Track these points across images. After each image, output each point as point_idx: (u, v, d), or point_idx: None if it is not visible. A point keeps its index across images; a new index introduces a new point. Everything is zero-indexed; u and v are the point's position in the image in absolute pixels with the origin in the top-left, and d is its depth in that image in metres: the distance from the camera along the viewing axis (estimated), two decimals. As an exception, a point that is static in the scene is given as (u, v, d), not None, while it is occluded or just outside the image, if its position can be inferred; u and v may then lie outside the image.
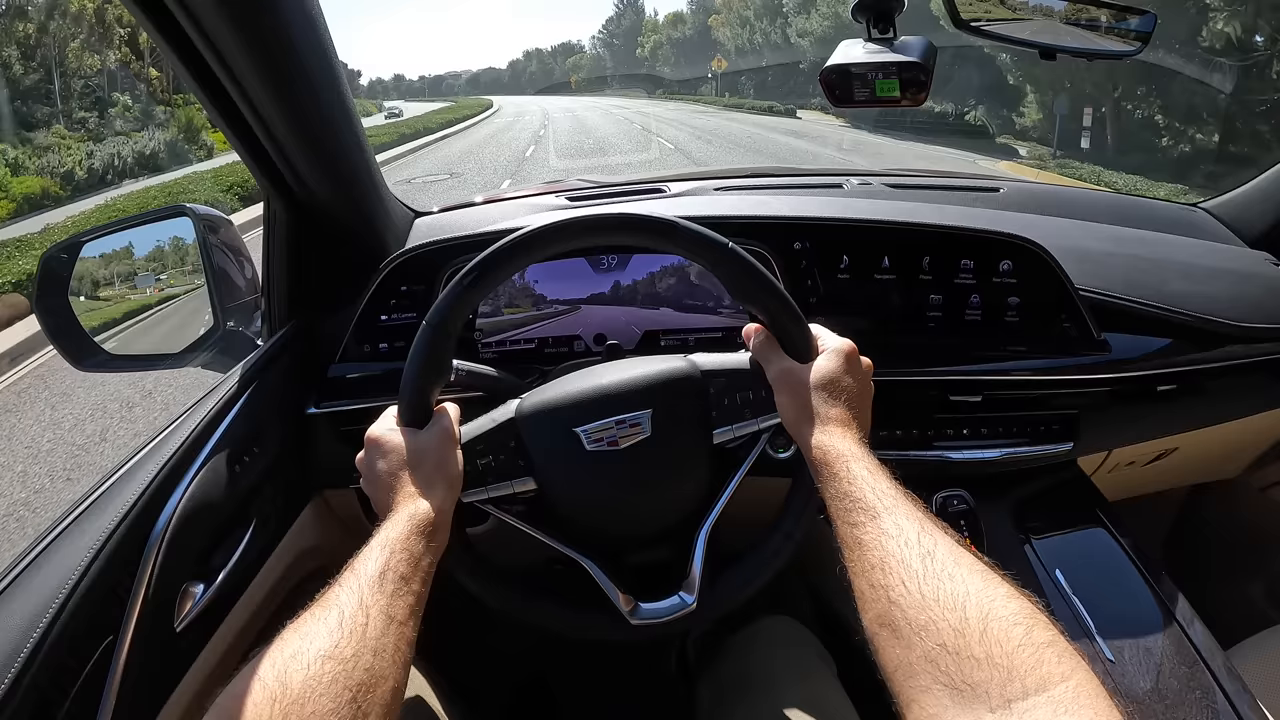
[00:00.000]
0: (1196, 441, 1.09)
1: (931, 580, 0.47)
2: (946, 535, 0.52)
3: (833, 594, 1.08)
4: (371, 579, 0.53)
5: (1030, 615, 0.44)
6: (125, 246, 1.06)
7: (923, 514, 0.54)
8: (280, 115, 0.80)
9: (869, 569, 0.51)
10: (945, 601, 0.45)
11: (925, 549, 0.50)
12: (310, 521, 0.97)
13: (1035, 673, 0.39)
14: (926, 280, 0.97)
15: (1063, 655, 0.41)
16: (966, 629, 0.43)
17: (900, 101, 0.82)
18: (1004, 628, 0.42)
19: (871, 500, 0.55)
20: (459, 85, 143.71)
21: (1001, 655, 0.41)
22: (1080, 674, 0.40)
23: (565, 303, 1.00)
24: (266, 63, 0.75)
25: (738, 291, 0.71)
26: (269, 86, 0.76)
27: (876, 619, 0.48)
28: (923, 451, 0.96)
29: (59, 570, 0.62)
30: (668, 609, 0.70)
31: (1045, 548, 0.91)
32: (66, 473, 3.49)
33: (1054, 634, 0.42)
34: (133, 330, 1.04)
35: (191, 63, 0.73)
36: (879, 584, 0.49)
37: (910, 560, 0.49)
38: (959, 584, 0.46)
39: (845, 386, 0.65)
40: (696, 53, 67.86)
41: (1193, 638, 0.80)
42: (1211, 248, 1.18)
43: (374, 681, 0.46)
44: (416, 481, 0.62)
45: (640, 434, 0.68)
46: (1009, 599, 0.45)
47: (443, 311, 0.66)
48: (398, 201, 1.14)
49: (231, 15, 0.68)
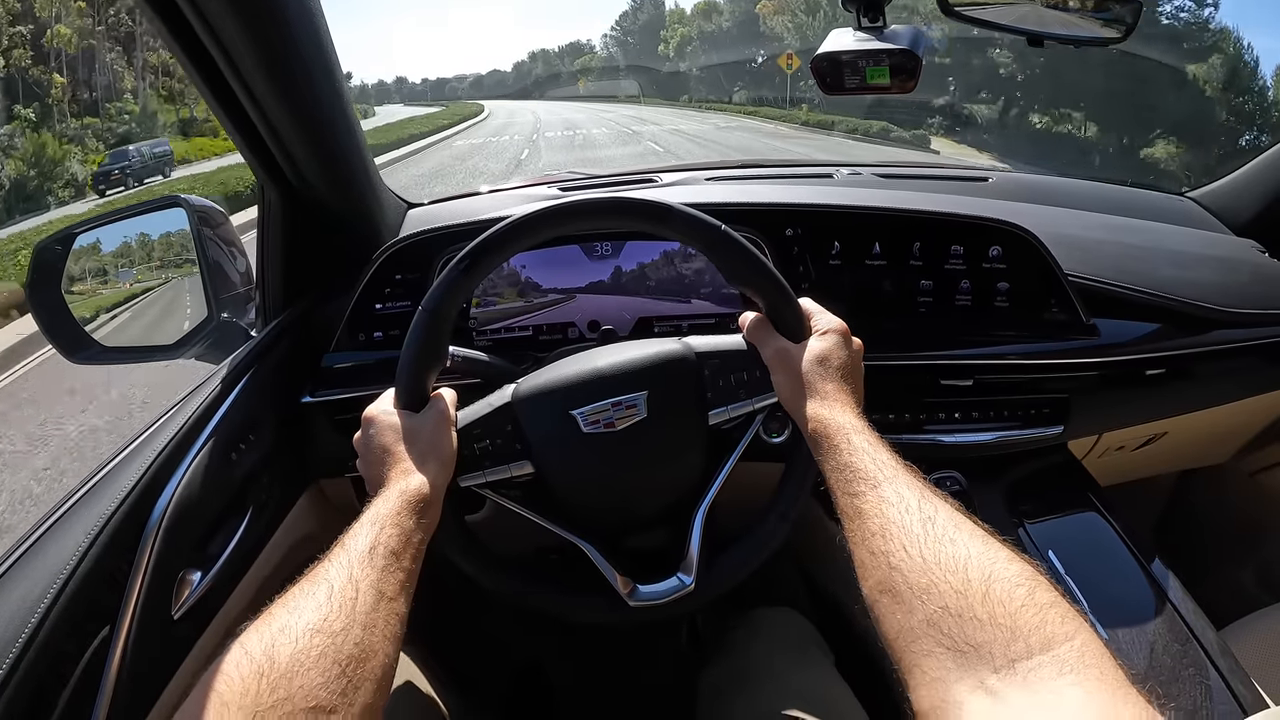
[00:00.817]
0: (1186, 426, 1.10)
1: (933, 544, 0.47)
2: (946, 502, 0.52)
3: (829, 581, 1.09)
4: (361, 554, 0.52)
5: (1032, 577, 0.44)
6: (119, 237, 1.06)
7: (922, 484, 0.54)
8: (278, 104, 0.80)
9: (869, 536, 0.51)
10: (946, 564, 0.45)
11: (926, 515, 0.50)
12: (306, 510, 0.97)
13: (1039, 632, 0.39)
14: (917, 266, 0.98)
15: (1066, 616, 0.41)
16: (969, 590, 0.43)
17: (890, 89, 0.83)
18: (1006, 589, 0.42)
19: (872, 470, 0.55)
20: (463, 89, 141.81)
21: (1004, 615, 0.40)
22: (1084, 634, 0.40)
23: (559, 291, 1.00)
24: (266, 51, 0.75)
25: (731, 274, 0.72)
26: (268, 75, 0.77)
27: (877, 586, 0.48)
28: (915, 435, 0.96)
29: (57, 556, 0.61)
30: (666, 590, 0.70)
31: (1038, 530, 0.92)
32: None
33: (1056, 595, 0.43)
34: (126, 322, 1.03)
35: (192, 51, 0.73)
36: (879, 550, 0.49)
37: (911, 526, 0.49)
38: (960, 548, 0.46)
39: (841, 362, 0.66)
40: (737, 49, 52.83)
41: (1185, 617, 0.81)
42: (1199, 235, 1.20)
43: (364, 656, 0.46)
44: (409, 458, 0.63)
45: (636, 415, 0.69)
46: (1010, 561, 0.45)
47: (438, 297, 0.67)
48: (391, 193, 1.15)
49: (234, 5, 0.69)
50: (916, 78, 0.83)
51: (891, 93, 0.84)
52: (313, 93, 0.83)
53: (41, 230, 11.82)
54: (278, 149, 0.86)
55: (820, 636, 0.92)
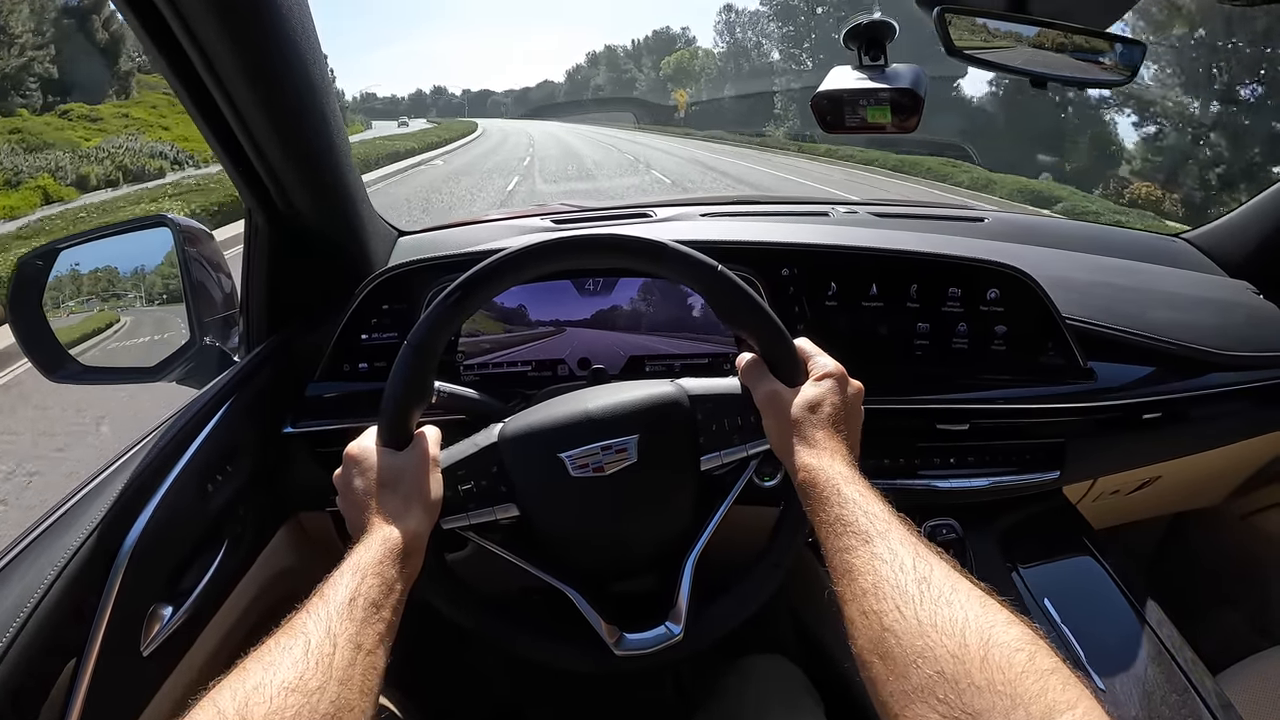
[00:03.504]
0: (1180, 469, 1.09)
1: (928, 605, 0.45)
2: (942, 560, 0.50)
3: (819, 625, 1.07)
4: (341, 605, 0.51)
5: (1032, 641, 0.42)
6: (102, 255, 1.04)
7: (917, 538, 0.52)
8: (269, 130, 0.79)
9: (861, 595, 0.49)
10: (943, 627, 0.43)
11: (921, 574, 0.48)
12: (284, 544, 0.95)
13: (1040, 700, 0.38)
14: (914, 308, 0.97)
15: (1067, 683, 0.39)
16: (966, 655, 0.41)
17: (888, 128, 0.83)
18: (1005, 654, 0.41)
19: (864, 524, 0.53)
20: (506, 104, 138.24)
21: (1004, 683, 0.39)
22: (1085, 702, 0.38)
23: (549, 323, 0.99)
24: (257, 76, 0.74)
25: (726, 315, 0.70)
26: (259, 100, 0.76)
27: (870, 647, 0.46)
28: (910, 480, 0.95)
29: (22, 587, 0.59)
30: (653, 639, 0.68)
31: (1033, 576, 0.91)
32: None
33: (1056, 661, 0.41)
34: (107, 342, 1.01)
35: (182, 75, 0.72)
36: (872, 610, 0.47)
37: (905, 585, 0.47)
38: (957, 609, 0.44)
39: (834, 409, 0.64)
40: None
41: (1182, 665, 0.80)
42: (1194, 277, 1.20)
43: (339, 713, 0.44)
44: (393, 504, 0.61)
45: (626, 460, 0.67)
46: (1009, 625, 0.43)
47: (425, 332, 0.65)
48: (381, 220, 1.13)
49: (225, 27, 0.68)
50: (918, 117, 0.82)
51: (891, 132, 0.83)
52: (304, 118, 0.82)
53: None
54: (266, 173, 0.84)
55: (810, 684, 0.90)
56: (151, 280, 1.04)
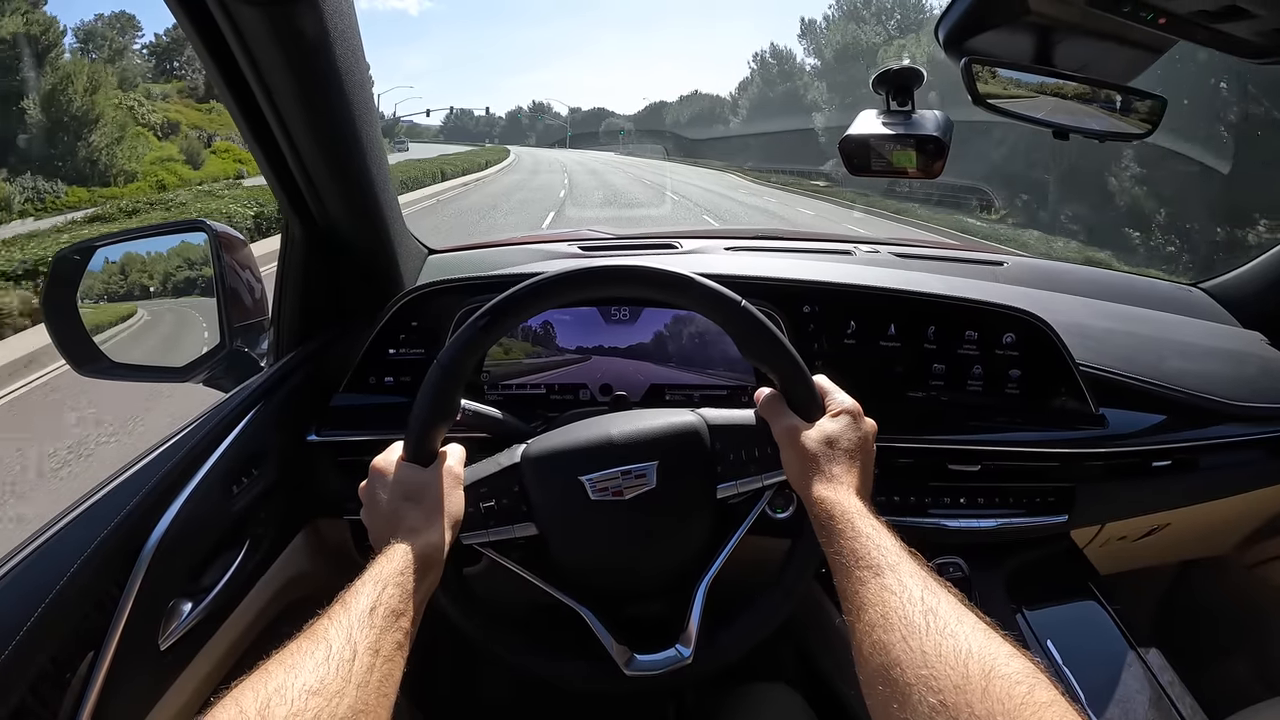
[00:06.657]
0: (1188, 518, 1.09)
1: (934, 637, 0.46)
2: (949, 593, 0.51)
3: (820, 653, 1.08)
4: (362, 614, 0.52)
5: (1032, 675, 0.43)
6: (139, 255, 1.07)
7: (926, 572, 0.54)
8: (314, 144, 0.82)
9: (870, 625, 0.51)
10: (947, 658, 0.44)
11: (928, 606, 0.49)
12: (301, 549, 0.96)
13: None
14: (930, 349, 0.98)
15: (1065, 716, 0.40)
16: (968, 686, 0.42)
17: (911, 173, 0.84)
18: (1006, 686, 0.42)
19: (875, 557, 0.55)
20: (618, 122, 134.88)
21: (1003, 714, 0.40)
22: None
23: (574, 351, 1.00)
24: (309, 95, 0.76)
25: (748, 349, 0.72)
26: (307, 117, 0.78)
27: (875, 675, 0.48)
28: (919, 519, 0.96)
29: (45, 575, 0.61)
30: (663, 661, 0.69)
31: (1038, 618, 0.91)
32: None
33: (1055, 695, 0.42)
34: (138, 339, 1.03)
35: (234, 87, 0.75)
36: (880, 640, 0.49)
37: (912, 617, 0.49)
38: (961, 641, 0.46)
39: (850, 444, 0.66)
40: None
41: (1183, 712, 0.80)
42: (1208, 327, 1.21)
43: (356, 716, 0.46)
44: (416, 517, 0.62)
45: (645, 485, 0.69)
46: (1011, 658, 0.45)
47: (454, 353, 0.67)
48: (413, 237, 1.16)
49: (283, 47, 0.70)
50: (943, 162, 0.84)
51: (916, 176, 0.85)
52: (348, 135, 0.84)
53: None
54: (306, 186, 0.87)
55: (812, 713, 0.90)
56: (184, 282, 1.07)
